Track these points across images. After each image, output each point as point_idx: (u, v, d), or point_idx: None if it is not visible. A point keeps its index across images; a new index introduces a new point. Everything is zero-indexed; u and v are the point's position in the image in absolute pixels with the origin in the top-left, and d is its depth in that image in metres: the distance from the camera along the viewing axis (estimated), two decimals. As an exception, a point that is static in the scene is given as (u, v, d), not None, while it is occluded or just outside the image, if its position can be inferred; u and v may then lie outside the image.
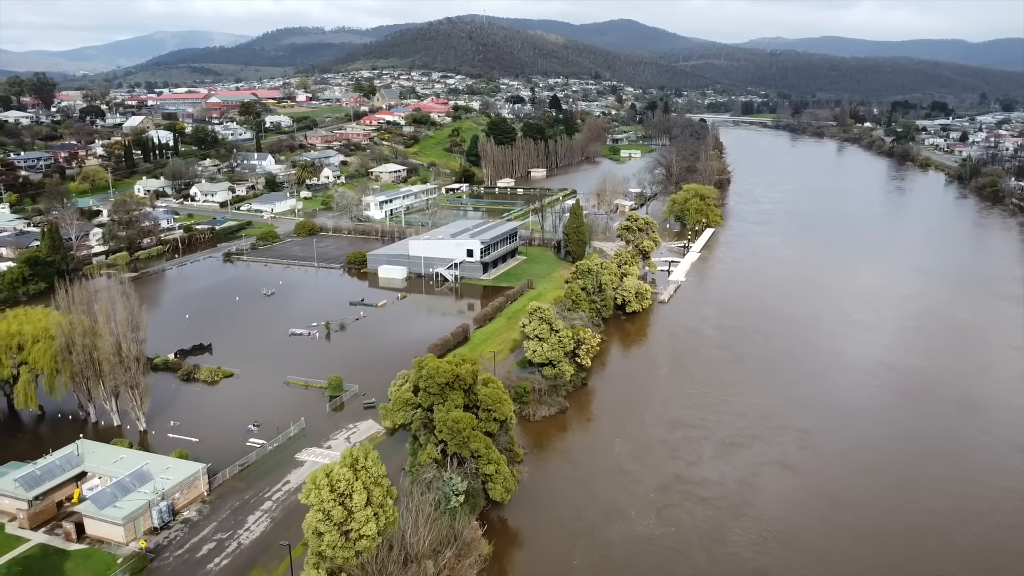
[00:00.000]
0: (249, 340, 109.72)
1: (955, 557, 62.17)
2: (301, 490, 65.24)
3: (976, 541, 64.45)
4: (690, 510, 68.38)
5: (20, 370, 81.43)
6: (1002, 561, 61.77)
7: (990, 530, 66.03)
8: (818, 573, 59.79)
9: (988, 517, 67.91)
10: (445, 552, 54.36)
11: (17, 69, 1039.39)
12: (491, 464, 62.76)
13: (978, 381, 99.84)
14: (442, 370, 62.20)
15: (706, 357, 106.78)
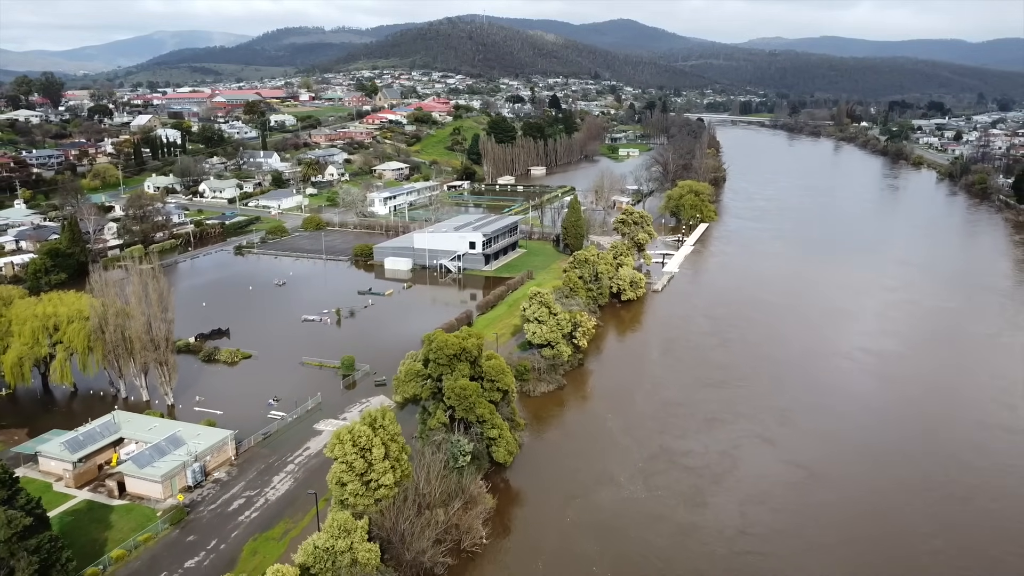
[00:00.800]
0: (264, 326, 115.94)
1: (917, 518, 68.29)
2: (321, 455, 71.99)
3: (938, 504, 70.58)
4: (675, 477, 74.42)
5: (56, 349, 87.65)
6: (960, 519, 67.96)
7: (950, 493, 72.23)
8: (789, 529, 65.94)
9: (950, 484, 74.09)
10: (454, 503, 60.59)
11: (17, 68, 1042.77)
12: (495, 429, 69.04)
13: (950, 365, 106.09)
14: (450, 343, 68.50)
15: (695, 342, 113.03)
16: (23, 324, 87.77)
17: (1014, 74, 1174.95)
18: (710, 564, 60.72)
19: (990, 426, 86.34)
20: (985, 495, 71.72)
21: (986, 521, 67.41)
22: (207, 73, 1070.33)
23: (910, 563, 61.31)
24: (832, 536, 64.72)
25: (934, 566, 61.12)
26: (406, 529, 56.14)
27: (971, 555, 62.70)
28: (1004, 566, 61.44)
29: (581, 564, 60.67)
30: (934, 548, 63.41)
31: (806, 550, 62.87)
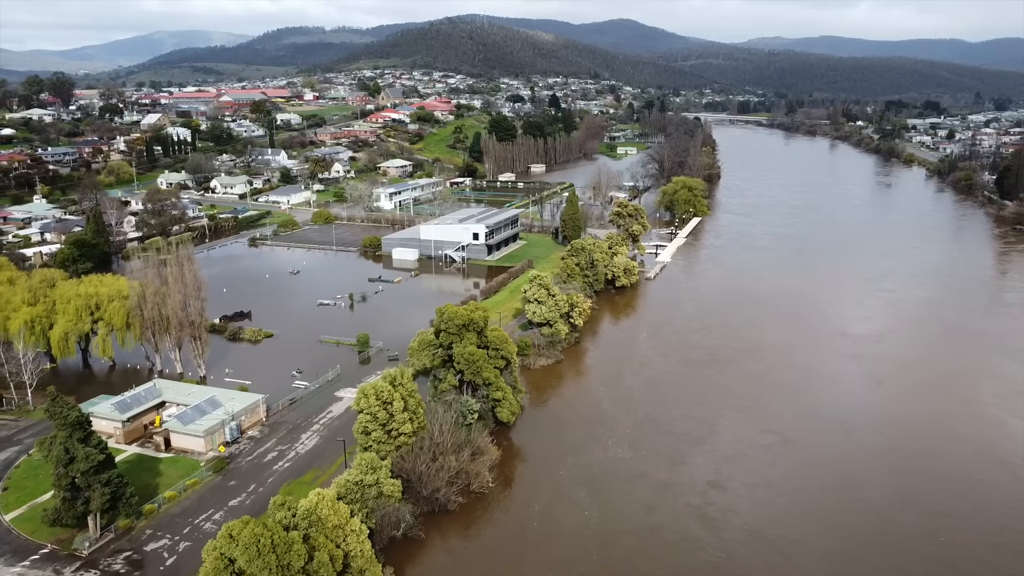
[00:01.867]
0: (282, 309, 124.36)
1: (875, 476, 76.63)
2: (342, 417, 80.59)
3: (896, 464, 78.99)
4: (658, 441, 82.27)
5: (98, 326, 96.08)
6: (907, 474, 76.44)
7: (907, 455, 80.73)
8: (759, 482, 74.08)
9: (908, 446, 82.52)
10: (463, 452, 69.03)
11: (17, 68, 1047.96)
12: (499, 391, 77.53)
13: (917, 344, 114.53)
14: (460, 314, 76.99)
15: (682, 326, 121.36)
16: (67, 303, 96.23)
17: (1012, 74, 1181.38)
18: (686, 512, 68.74)
19: (952, 399, 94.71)
20: (934, 454, 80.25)
21: (932, 470, 75.95)
22: (208, 73, 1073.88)
23: (862, 506, 69.73)
24: (798, 486, 73.10)
25: (880, 509, 69.52)
26: (423, 471, 64.63)
27: (912, 496, 71.20)
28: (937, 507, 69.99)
29: (572, 508, 68.97)
30: (883, 495, 71.81)
31: (773, 498, 71.16)
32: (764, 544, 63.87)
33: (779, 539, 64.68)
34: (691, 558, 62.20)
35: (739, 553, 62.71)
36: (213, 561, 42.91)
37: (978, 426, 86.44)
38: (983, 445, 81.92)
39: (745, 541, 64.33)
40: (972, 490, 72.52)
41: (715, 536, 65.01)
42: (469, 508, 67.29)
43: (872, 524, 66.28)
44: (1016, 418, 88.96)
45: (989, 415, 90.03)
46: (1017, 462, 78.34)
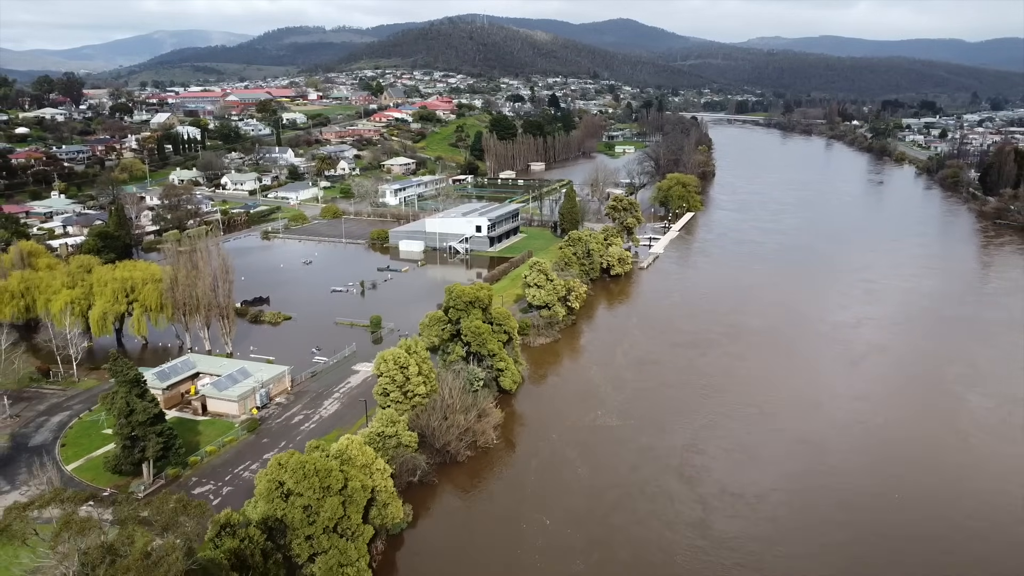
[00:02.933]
0: (298, 296, 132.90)
1: (840, 440, 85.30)
2: (360, 387, 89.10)
3: (853, 426, 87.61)
4: (643, 412, 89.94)
5: (133, 306, 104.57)
6: (868, 437, 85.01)
7: (858, 408, 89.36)
8: (734, 448, 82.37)
9: (869, 421, 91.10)
10: (470, 414, 77.53)
11: (16, 68, 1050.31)
12: (502, 362, 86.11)
13: (891, 329, 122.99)
14: (467, 291, 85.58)
15: (671, 312, 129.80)
16: (104, 286, 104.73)
17: (1010, 74, 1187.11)
18: (666, 470, 76.55)
19: (919, 379, 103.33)
20: (897, 426, 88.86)
21: (892, 439, 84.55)
22: (210, 72, 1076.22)
23: (825, 468, 78.27)
24: (769, 451, 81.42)
25: (841, 471, 78.07)
26: (435, 427, 73.21)
27: (871, 461, 79.78)
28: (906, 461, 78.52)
29: (565, 465, 77.37)
30: (845, 460, 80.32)
31: (746, 461, 79.38)
32: (734, 498, 71.89)
33: (748, 494, 72.58)
34: (669, 508, 70.29)
35: (713, 505, 70.75)
36: (266, 484, 51.39)
37: (940, 401, 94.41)
38: (944, 418, 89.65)
39: (718, 495, 72.29)
40: (927, 455, 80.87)
41: (692, 491, 73.10)
42: (476, 460, 75.94)
43: (832, 483, 74.18)
44: (976, 395, 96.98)
45: (952, 391, 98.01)
46: (971, 431, 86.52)
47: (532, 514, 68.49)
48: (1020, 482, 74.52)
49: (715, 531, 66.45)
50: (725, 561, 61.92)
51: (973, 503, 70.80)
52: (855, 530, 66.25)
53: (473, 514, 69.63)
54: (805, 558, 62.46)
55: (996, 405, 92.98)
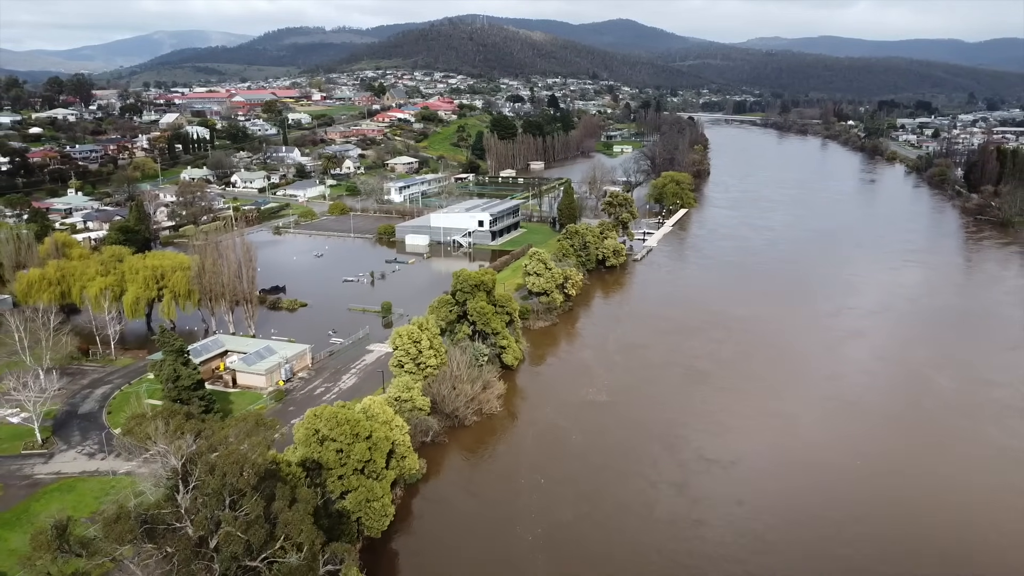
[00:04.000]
0: (312, 285, 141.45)
1: (809, 419, 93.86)
2: (375, 364, 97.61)
3: (828, 409, 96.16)
4: (630, 389, 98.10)
5: (163, 292, 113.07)
6: (838, 417, 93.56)
7: (840, 404, 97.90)
8: (711, 422, 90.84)
9: (839, 398, 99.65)
10: (476, 384, 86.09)
11: (16, 68, 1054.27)
12: (505, 340, 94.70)
13: (869, 318, 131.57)
14: (472, 276, 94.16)
15: (661, 301, 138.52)
16: (136, 274, 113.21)
17: (1007, 74, 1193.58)
18: (650, 438, 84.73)
19: (890, 361, 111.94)
20: (866, 404, 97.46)
21: (859, 414, 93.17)
22: (211, 73, 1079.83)
23: (795, 440, 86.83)
24: (744, 423, 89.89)
25: (810, 440, 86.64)
26: (445, 395, 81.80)
27: (838, 432, 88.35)
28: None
29: (560, 432, 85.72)
30: (815, 432, 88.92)
31: (723, 432, 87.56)
32: (710, 463, 79.78)
33: (723, 460, 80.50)
34: (651, 470, 78.16)
35: (691, 468, 78.75)
36: (304, 432, 59.88)
37: (909, 382, 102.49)
38: (911, 397, 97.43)
39: (695, 460, 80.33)
40: (888, 428, 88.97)
41: (672, 457, 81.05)
42: (481, 425, 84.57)
43: (801, 454, 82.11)
44: (943, 377, 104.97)
45: (920, 372, 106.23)
46: (934, 407, 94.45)
47: (529, 473, 76.94)
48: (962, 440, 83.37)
49: (692, 490, 74.56)
50: (699, 515, 70.03)
51: (927, 463, 79.46)
52: (819, 494, 74.21)
53: (478, 471, 78.28)
54: (768, 513, 70.44)
55: (958, 386, 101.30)
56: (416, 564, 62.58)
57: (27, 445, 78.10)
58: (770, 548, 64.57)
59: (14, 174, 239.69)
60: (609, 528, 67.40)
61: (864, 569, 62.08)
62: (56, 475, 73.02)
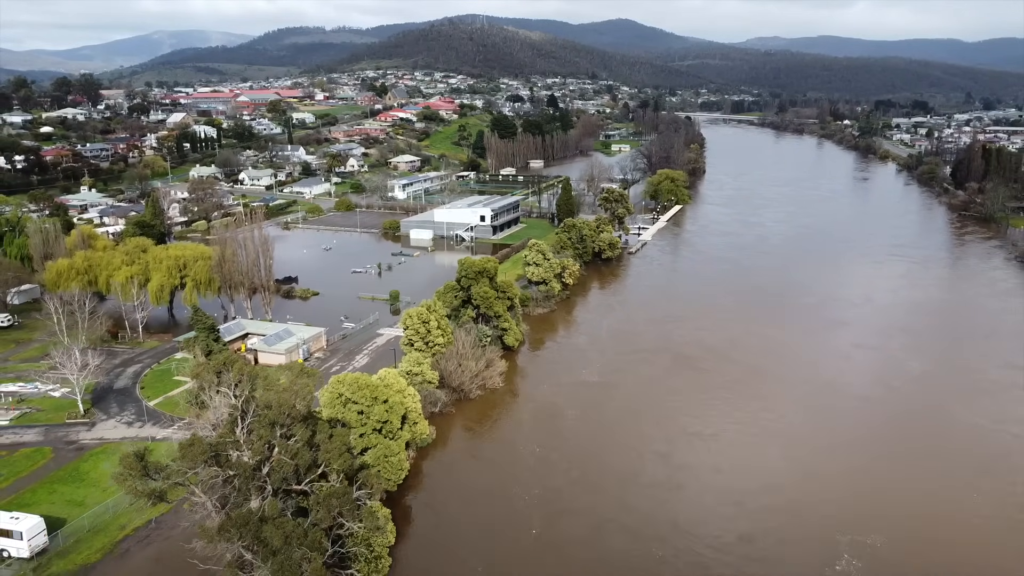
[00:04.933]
0: (323, 276, 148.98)
1: (785, 401, 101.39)
2: (385, 346, 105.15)
3: (802, 393, 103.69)
4: (620, 372, 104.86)
5: (186, 280, 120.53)
6: (813, 399, 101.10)
7: (815, 388, 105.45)
8: (694, 399, 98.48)
9: (815, 380, 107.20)
10: (480, 362, 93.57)
11: (16, 68, 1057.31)
12: (506, 323, 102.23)
13: (848, 309, 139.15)
14: (476, 263, 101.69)
15: (653, 291, 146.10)
16: (159, 263, 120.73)
17: (1005, 74, 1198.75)
18: (637, 412, 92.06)
19: (864, 345, 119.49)
20: (838, 384, 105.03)
21: (832, 394, 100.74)
22: (212, 73, 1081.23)
23: (771, 416, 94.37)
24: (723, 394, 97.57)
25: (782, 413, 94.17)
26: (452, 370, 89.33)
27: (806, 407, 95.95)
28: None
29: (555, 408, 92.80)
30: (790, 409, 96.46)
31: (703, 410, 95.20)
32: (692, 436, 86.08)
33: (704, 433, 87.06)
34: (639, 443, 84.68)
35: (676, 442, 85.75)
36: (329, 395, 67.32)
37: (881, 364, 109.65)
38: (879, 376, 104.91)
39: (680, 434, 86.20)
40: (853, 404, 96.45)
41: (659, 431, 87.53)
42: (484, 399, 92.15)
43: (776, 427, 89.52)
44: (913, 360, 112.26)
45: (895, 356, 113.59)
46: (902, 387, 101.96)
47: (526, 442, 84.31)
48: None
49: (675, 459, 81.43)
50: (680, 480, 77.11)
51: (896, 434, 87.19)
52: (793, 463, 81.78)
53: (481, 438, 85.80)
54: (744, 478, 77.60)
55: (929, 367, 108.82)
56: (428, 515, 70.03)
57: (70, 415, 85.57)
58: (744, 511, 71.05)
59: (29, 172, 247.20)
60: (597, 491, 74.23)
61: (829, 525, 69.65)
62: (99, 440, 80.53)
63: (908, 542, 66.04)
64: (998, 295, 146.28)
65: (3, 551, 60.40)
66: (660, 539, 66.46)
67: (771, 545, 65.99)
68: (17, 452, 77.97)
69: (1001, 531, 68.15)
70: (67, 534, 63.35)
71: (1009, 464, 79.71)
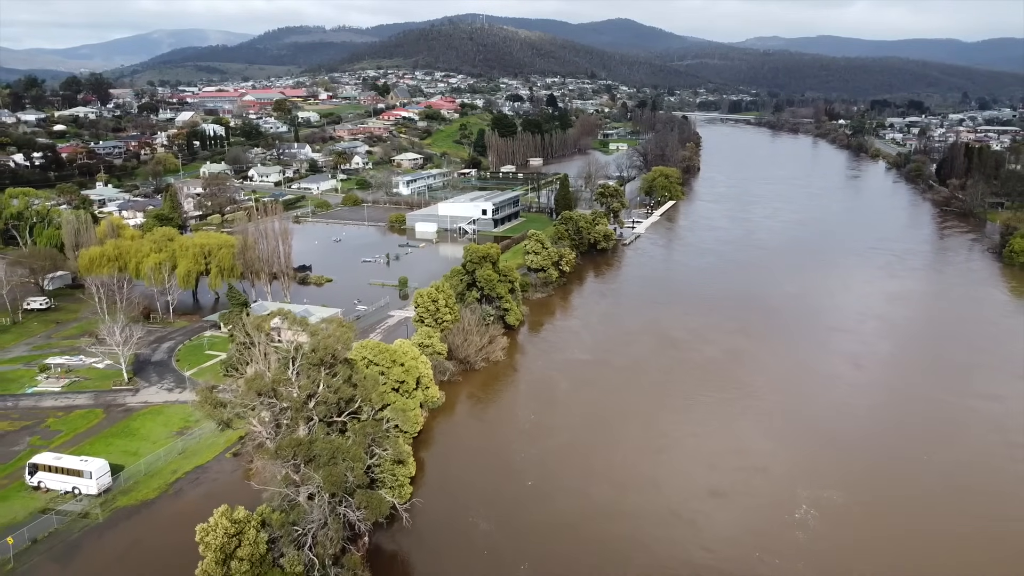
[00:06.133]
0: (335, 265, 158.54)
1: (763, 379, 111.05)
2: (396, 326, 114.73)
3: (778, 369, 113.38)
4: (608, 350, 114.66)
5: (210, 267, 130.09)
6: (788, 379, 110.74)
7: (789, 368, 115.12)
8: (672, 372, 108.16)
9: (791, 358, 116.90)
10: (484, 337, 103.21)
11: (17, 67, 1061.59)
12: (508, 303, 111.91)
13: (826, 297, 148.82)
14: (480, 249, 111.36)
15: (643, 279, 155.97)
16: (186, 250, 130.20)
17: (1002, 74, 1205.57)
18: (627, 383, 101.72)
19: (839, 328, 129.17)
20: (810, 364, 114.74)
21: (806, 370, 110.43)
22: (213, 72, 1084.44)
23: (740, 392, 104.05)
24: (701, 375, 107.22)
25: (752, 387, 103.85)
26: (459, 344, 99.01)
27: (775, 378, 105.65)
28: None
29: (551, 379, 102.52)
30: (762, 381, 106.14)
31: (681, 379, 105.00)
32: (673, 408, 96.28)
33: (682, 406, 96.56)
34: (625, 411, 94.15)
35: (657, 411, 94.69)
36: (354, 357, 76.89)
37: (853, 346, 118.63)
38: (850, 355, 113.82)
39: (661, 406, 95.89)
40: (822, 380, 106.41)
41: (643, 402, 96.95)
42: (488, 370, 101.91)
43: (746, 398, 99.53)
44: (883, 342, 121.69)
45: (866, 339, 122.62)
46: (870, 366, 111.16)
47: (524, 407, 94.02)
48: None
49: (656, 427, 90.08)
50: (659, 445, 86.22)
51: (857, 394, 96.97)
52: (757, 429, 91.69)
53: (485, 404, 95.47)
54: (716, 442, 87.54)
55: (896, 351, 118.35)
56: (440, 465, 79.58)
57: (116, 383, 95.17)
58: (715, 470, 79.49)
59: (47, 168, 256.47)
60: (586, 452, 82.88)
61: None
62: (144, 403, 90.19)
63: (862, 497, 74.84)
64: (969, 284, 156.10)
65: (75, 488, 69.98)
66: (639, 490, 75.49)
67: (738, 497, 75.04)
68: (72, 413, 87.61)
69: (948, 491, 77.71)
70: (127, 476, 73.01)
71: (965, 433, 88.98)
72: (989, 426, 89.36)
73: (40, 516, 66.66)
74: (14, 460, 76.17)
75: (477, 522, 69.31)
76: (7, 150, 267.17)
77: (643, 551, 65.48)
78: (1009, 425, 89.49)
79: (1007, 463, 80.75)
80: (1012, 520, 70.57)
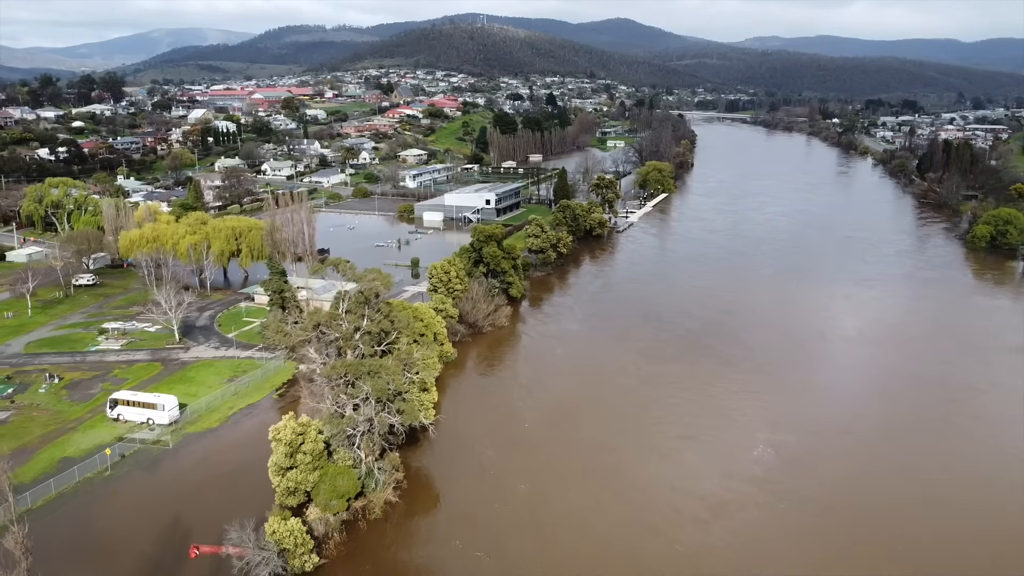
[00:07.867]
0: (350, 248, 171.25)
1: (744, 353, 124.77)
2: (411, 297, 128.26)
3: (758, 344, 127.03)
4: (600, 321, 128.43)
5: (241, 247, 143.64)
6: (768, 354, 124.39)
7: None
8: (658, 338, 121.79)
9: (768, 331, 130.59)
10: (490, 305, 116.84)
11: (17, 66, 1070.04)
12: (511, 278, 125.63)
13: (802, 283, 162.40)
14: (486, 229, 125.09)
15: (633, 261, 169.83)
16: (218, 232, 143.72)
17: (999, 74, 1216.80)
18: (617, 352, 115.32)
19: (818, 311, 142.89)
20: (786, 343, 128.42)
21: (785, 345, 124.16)
22: (214, 71, 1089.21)
23: (714, 363, 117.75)
24: (683, 336, 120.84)
25: (732, 360, 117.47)
26: (468, 310, 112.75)
27: (755, 355, 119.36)
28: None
29: (547, 344, 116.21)
30: (740, 352, 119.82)
31: (667, 344, 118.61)
32: (656, 374, 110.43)
33: (664, 373, 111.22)
34: (614, 374, 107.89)
35: (642, 376, 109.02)
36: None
37: (821, 320, 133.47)
38: (819, 329, 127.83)
39: (645, 371, 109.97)
40: (789, 347, 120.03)
41: (629, 366, 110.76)
42: (493, 333, 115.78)
43: (716, 364, 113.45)
44: (849, 318, 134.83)
45: (835, 317, 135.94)
46: (832, 338, 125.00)
47: (524, 367, 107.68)
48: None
49: (641, 392, 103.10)
50: (638, 399, 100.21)
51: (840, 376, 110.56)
52: (725, 387, 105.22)
53: (491, 361, 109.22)
54: (696, 408, 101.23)
55: (863, 325, 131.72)
56: (454, 408, 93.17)
57: (168, 343, 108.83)
58: (686, 420, 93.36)
59: (70, 162, 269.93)
60: (575, 404, 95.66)
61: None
62: (195, 358, 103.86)
63: (812, 441, 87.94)
64: (935, 268, 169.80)
65: (149, 419, 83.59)
66: (622, 432, 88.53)
67: (706, 440, 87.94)
68: (134, 365, 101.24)
69: (889, 440, 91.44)
70: (191, 411, 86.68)
71: (913, 390, 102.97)
72: (934, 385, 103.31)
73: (124, 439, 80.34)
74: (93, 400, 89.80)
75: (484, 450, 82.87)
76: (31, 145, 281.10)
77: (621, 478, 79.09)
78: (951, 383, 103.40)
79: (947, 412, 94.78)
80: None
